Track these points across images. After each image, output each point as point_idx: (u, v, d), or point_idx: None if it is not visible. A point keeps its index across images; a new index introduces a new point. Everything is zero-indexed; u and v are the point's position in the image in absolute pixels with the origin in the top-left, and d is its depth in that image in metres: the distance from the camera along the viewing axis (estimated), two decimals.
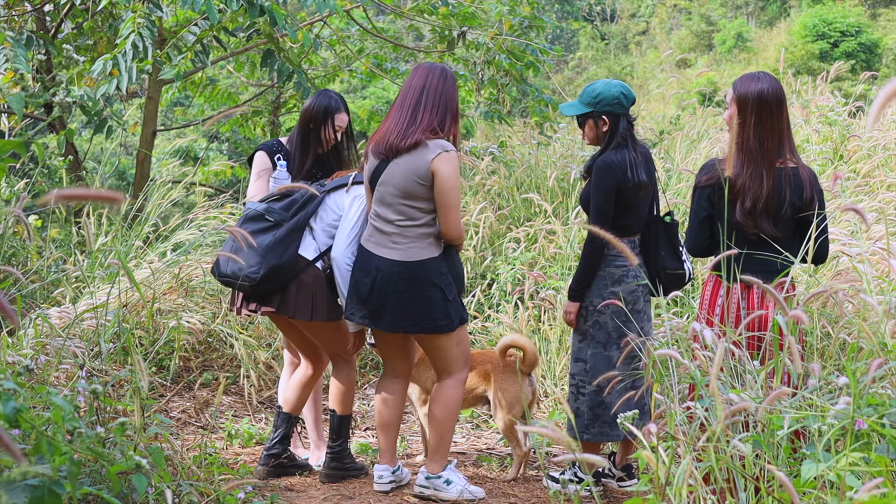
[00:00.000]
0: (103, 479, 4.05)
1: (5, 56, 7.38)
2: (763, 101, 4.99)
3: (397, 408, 5.84)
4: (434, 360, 5.71)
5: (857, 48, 25.57)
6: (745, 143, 4.99)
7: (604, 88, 5.70)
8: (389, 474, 5.82)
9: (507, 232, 9.72)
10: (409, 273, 5.43)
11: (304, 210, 5.77)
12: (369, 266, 5.47)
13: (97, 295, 6.72)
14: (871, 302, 4.62)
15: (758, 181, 4.94)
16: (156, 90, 10.11)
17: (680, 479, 3.69)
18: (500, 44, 10.16)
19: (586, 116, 5.74)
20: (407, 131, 5.41)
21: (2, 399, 3.25)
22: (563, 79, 31.26)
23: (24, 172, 10.28)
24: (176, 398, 7.35)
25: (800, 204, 5.01)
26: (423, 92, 5.45)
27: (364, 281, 5.48)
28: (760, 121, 4.98)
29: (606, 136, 5.72)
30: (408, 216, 5.44)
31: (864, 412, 3.57)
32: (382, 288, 5.44)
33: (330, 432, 6.08)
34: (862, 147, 9.26)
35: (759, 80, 5.05)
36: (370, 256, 5.49)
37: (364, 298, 5.50)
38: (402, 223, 5.44)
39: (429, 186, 5.37)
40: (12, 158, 9.27)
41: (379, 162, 5.47)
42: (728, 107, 5.16)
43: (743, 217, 4.96)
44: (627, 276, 5.71)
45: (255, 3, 7.51)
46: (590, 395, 5.74)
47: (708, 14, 36.02)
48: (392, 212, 5.45)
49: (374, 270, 5.45)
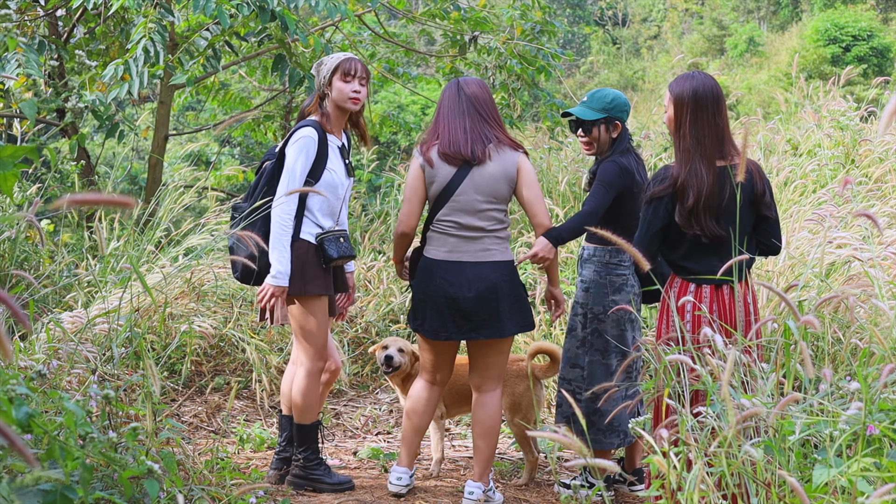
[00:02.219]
0: (115, 484, 4.05)
1: (18, 61, 7.39)
2: (698, 100, 4.97)
3: (429, 414, 5.86)
4: (493, 368, 5.72)
5: (869, 52, 25.48)
6: (682, 143, 4.97)
7: (616, 96, 5.79)
8: (408, 478, 5.83)
9: (518, 237, 9.72)
10: (511, 274, 5.52)
11: (258, 186, 5.69)
12: (463, 276, 5.51)
13: (109, 299, 6.73)
14: (882, 307, 4.61)
15: (697, 179, 4.90)
16: (168, 95, 10.12)
17: (691, 484, 3.68)
18: (512, 48, 10.17)
19: (599, 121, 5.75)
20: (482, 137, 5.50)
21: (14, 404, 3.26)
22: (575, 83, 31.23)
23: (36, 177, 10.30)
24: (188, 403, 7.36)
25: (753, 198, 4.99)
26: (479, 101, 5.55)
27: (463, 294, 5.50)
28: (696, 119, 4.96)
29: (615, 141, 5.75)
30: (498, 220, 5.52)
31: (875, 417, 3.57)
32: (489, 295, 5.48)
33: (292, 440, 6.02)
34: (874, 151, 9.24)
35: (694, 78, 5.05)
36: (462, 266, 5.52)
37: (468, 312, 5.52)
38: (492, 227, 5.51)
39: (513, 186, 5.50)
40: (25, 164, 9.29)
41: (457, 170, 5.52)
42: (666, 109, 5.16)
43: (683, 218, 4.93)
44: (627, 284, 5.73)
45: (266, 8, 7.52)
46: (585, 402, 5.74)
47: (719, 18, 35.93)
48: (479, 218, 5.50)
49: (474, 280, 5.48)
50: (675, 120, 5.03)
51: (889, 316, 4.61)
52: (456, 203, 5.47)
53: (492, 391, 5.67)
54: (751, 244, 5.05)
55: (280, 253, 5.52)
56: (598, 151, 5.81)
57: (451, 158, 5.47)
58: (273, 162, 5.69)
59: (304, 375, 5.78)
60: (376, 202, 11.78)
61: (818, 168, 9.10)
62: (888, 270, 5.79)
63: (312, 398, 5.81)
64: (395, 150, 18.83)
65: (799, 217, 7.26)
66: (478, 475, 5.68)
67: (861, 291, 5.22)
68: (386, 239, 10.69)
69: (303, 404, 5.81)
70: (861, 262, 5.77)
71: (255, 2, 7.53)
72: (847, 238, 6.03)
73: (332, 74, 5.75)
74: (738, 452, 3.75)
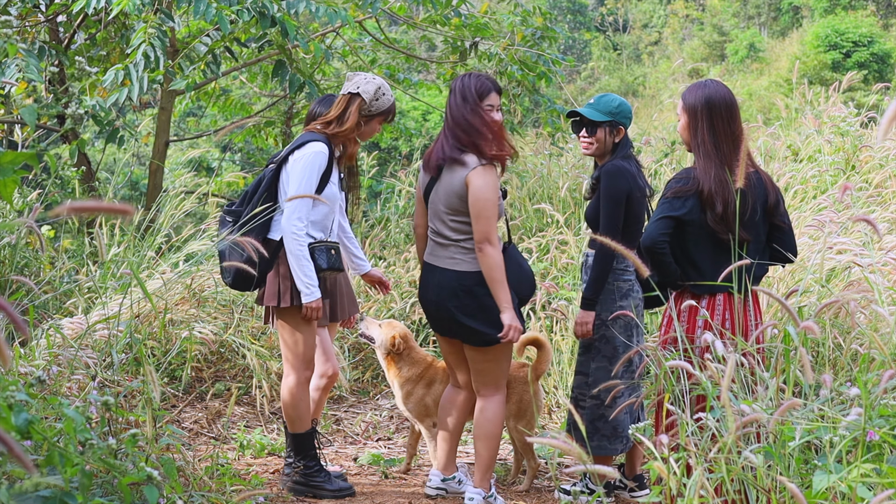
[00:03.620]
0: (115, 491, 4.05)
1: (18, 67, 7.41)
2: (712, 107, 4.98)
3: (459, 418, 5.92)
4: (484, 374, 5.72)
5: (869, 58, 25.49)
6: (702, 149, 4.98)
7: (622, 101, 5.85)
8: (439, 480, 5.87)
9: (519, 242, 9.72)
10: (473, 285, 5.51)
11: (256, 193, 5.66)
12: (432, 280, 5.66)
13: (109, 306, 6.73)
14: (882, 313, 4.62)
15: (724, 185, 4.91)
16: (168, 101, 10.13)
17: (691, 490, 3.68)
18: (513, 54, 10.16)
19: (604, 124, 5.77)
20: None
21: (14, 410, 3.25)
22: (576, 89, 31.25)
23: (37, 183, 10.30)
24: (188, 409, 7.35)
25: (766, 207, 5.01)
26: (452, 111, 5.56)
27: (428, 297, 5.67)
28: (712, 126, 4.96)
29: (617, 146, 5.78)
30: (461, 231, 5.55)
31: (875, 423, 3.57)
32: (446, 302, 5.59)
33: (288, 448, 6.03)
34: (874, 157, 9.24)
35: (706, 87, 5.06)
36: (433, 270, 5.64)
37: (431, 314, 5.71)
38: (457, 238, 5.58)
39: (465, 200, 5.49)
40: (25, 170, 9.30)
41: (430, 178, 5.63)
42: (679, 118, 5.16)
43: (716, 223, 4.92)
44: (633, 289, 5.74)
45: (266, 14, 7.52)
46: (590, 408, 5.75)
47: (720, 24, 35.95)
48: (445, 227, 5.58)
49: (436, 285, 5.63)
50: (689, 128, 5.04)
51: (889, 322, 4.61)
52: (431, 209, 5.59)
53: (490, 396, 5.67)
54: (764, 253, 5.06)
55: (305, 267, 5.54)
56: (597, 153, 5.82)
57: (426, 166, 5.59)
58: (274, 168, 5.69)
59: (292, 385, 5.80)
60: (377, 208, 11.78)
61: (818, 174, 9.11)
62: (888, 276, 5.78)
63: (303, 407, 5.83)
64: (396, 156, 18.83)
65: (799, 223, 7.26)
66: (478, 481, 5.69)
67: (861, 297, 5.22)
68: (386, 245, 10.69)
69: (294, 414, 5.83)
70: (861, 268, 5.77)
71: (255, 7, 7.53)
72: (847, 244, 6.02)
73: (381, 114, 5.78)
74: (738, 458, 3.74)
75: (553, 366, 7.49)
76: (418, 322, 8.95)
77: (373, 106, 5.69)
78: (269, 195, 5.64)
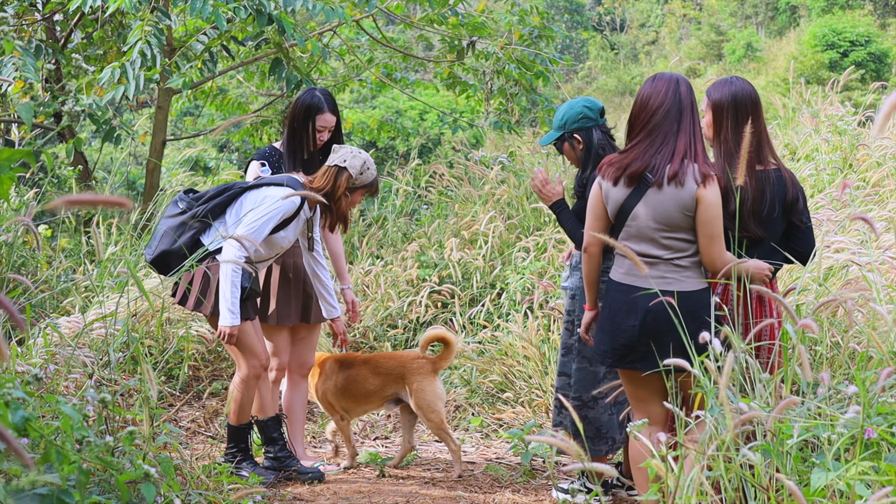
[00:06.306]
0: (112, 489, 4.05)
1: (15, 65, 7.40)
2: (738, 104, 4.96)
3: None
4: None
5: (866, 58, 25.53)
6: (724, 147, 4.96)
7: (566, 109, 5.74)
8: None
9: (516, 241, 9.73)
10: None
11: (214, 200, 5.74)
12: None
13: (106, 304, 6.73)
14: (880, 311, 4.61)
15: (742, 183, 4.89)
16: (165, 100, 10.12)
17: (689, 488, 3.68)
18: (510, 54, 10.16)
19: (561, 140, 5.76)
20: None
21: (11, 408, 3.25)
22: (573, 88, 31.28)
23: (33, 182, 10.30)
24: (185, 407, 7.35)
25: (785, 205, 4.98)
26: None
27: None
28: (738, 123, 4.94)
29: (583, 153, 5.73)
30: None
31: (873, 421, 3.57)
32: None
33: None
34: (871, 156, 9.24)
35: (732, 83, 5.03)
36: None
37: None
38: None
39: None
40: (22, 168, 9.30)
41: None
42: (704, 114, 5.12)
43: (729, 220, 4.90)
44: None
45: (263, 12, 7.52)
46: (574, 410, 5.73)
47: (717, 24, 35.99)
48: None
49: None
50: (714, 125, 5.01)
51: (887, 320, 4.61)
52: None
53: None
54: (779, 251, 5.04)
55: (234, 293, 5.61)
56: (579, 163, 5.80)
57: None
58: (246, 189, 5.79)
59: (238, 381, 5.93)
60: (374, 207, 11.77)
61: (816, 172, 9.10)
62: (886, 274, 5.78)
63: (246, 402, 6.00)
64: (393, 156, 18.84)
65: None
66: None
67: (859, 295, 5.22)
68: (384, 244, 10.68)
69: (236, 407, 5.99)
70: (859, 266, 5.77)
71: (252, 5, 7.53)
72: (845, 242, 6.02)
73: (364, 188, 5.90)
74: (736, 456, 3.74)
75: (550, 365, 7.49)
76: (416, 321, 8.95)
77: (357, 180, 5.82)
78: (225, 206, 5.78)
